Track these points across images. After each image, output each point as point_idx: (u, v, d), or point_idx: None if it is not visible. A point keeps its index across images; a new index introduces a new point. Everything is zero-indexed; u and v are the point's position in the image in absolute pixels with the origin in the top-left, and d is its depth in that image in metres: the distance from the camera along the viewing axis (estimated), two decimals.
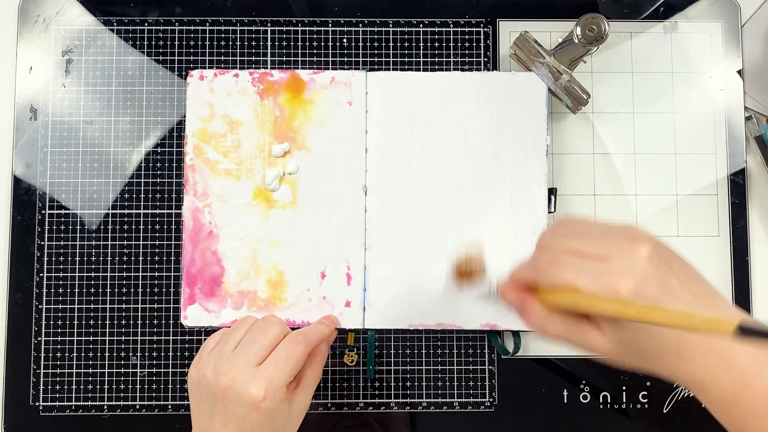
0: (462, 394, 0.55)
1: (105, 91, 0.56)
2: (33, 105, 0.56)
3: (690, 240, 0.56)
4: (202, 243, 0.53)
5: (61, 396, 0.54)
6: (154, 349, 0.55)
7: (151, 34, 0.57)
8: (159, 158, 0.56)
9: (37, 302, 0.55)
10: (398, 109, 0.54)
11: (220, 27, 0.57)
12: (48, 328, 0.54)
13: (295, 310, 0.53)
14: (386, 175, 0.54)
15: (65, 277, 0.55)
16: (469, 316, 0.53)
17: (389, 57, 0.57)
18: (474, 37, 0.57)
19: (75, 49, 0.57)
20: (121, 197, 0.56)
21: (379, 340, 0.55)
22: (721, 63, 0.57)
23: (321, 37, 0.57)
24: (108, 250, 0.55)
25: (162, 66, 0.57)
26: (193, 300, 0.53)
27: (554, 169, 0.56)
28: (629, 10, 0.58)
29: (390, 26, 0.57)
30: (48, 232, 0.55)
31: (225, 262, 0.53)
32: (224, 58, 0.57)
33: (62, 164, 0.56)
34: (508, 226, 0.53)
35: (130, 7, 0.57)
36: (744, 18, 0.58)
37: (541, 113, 0.54)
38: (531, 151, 0.54)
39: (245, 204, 0.53)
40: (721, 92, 0.57)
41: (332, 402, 0.54)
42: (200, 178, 0.54)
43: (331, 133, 0.54)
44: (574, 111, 0.55)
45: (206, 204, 0.53)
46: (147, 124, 0.56)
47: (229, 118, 0.54)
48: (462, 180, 0.54)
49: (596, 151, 0.57)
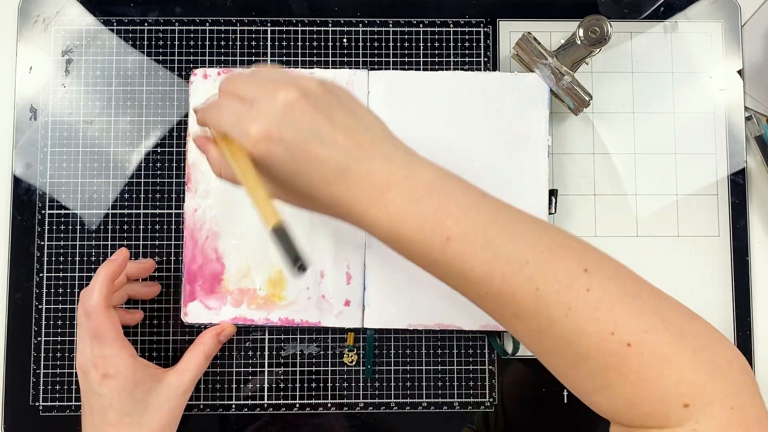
0: (462, 394, 0.55)
1: (105, 91, 0.56)
2: (33, 105, 0.56)
3: (690, 240, 0.56)
4: (202, 241, 0.53)
5: (61, 396, 0.54)
6: (154, 349, 0.55)
7: (151, 34, 0.57)
8: (159, 158, 0.56)
9: (37, 302, 0.55)
10: (400, 108, 0.54)
11: (220, 27, 0.57)
12: (48, 328, 0.54)
13: (295, 308, 0.53)
14: None
15: (65, 277, 0.55)
16: (468, 316, 0.53)
17: (389, 57, 0.57)
18: (474, 37, 0.57)
19: (75, 49, 0.57)
20: (121, 197, 0.56)
21: (379, 340, 0.55)
22: (721, 63, 0.57)
23: (321, 37, 0.57)
24: (108, 250, 0.55)
25: (162, 66, 0.57)
26: (193, 297, 0.53)
27: (554, 169, 0.56)
28: (629, 10, 0.58)
29: (390, 26, 0.57)
30: (48, 232, 0.55)
31: (225, 259, 0.53)
32: (224, 58, 0.57)
33: (62, 164, 0.56)
34: None
35: (130, 7, 0.57)
36: (744, 18, 0.58)
37: (543, 114, 0.54)
38: (532, 152, 0.54)
39: (246, 203, 0.53)
40: (721, 92, 0.57)
41: (332, 402, 0.55)
42: (201, 177, 0.54)
43: None
44: (576, 112, 0.55)
45: (207, 202, 0.53)
46: (147, 124, 0.56)
47: None
48: None
49: (596, 151, 0.57)
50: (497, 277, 0.35)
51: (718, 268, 0.56)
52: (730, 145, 0.57)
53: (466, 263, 0.36)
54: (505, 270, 0.35)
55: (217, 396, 0.54)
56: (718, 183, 0.56)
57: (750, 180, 0.57)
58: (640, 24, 0.58)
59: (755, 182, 0.57)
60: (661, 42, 0.57)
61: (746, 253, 0.56)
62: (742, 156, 0.57)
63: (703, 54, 0.57)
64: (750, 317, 0.55)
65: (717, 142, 0.57)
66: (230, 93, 0.38)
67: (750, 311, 0.55)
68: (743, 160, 0.57)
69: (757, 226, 0.56)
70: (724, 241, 0.56)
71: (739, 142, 0.57)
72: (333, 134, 0.36)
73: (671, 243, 0.56)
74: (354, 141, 0.36)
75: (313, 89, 0.37)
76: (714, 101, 0.57)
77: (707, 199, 0.56)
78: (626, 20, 0.57)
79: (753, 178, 0.57)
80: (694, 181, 0.56)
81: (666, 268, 0.56)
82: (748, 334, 0.55)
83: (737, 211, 0.56)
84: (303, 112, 0.36)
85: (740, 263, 0.56)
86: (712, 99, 0.57)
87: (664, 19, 0.58)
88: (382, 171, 0.36)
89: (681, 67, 0.57)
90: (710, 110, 0.57)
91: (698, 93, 0.57)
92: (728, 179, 0.56)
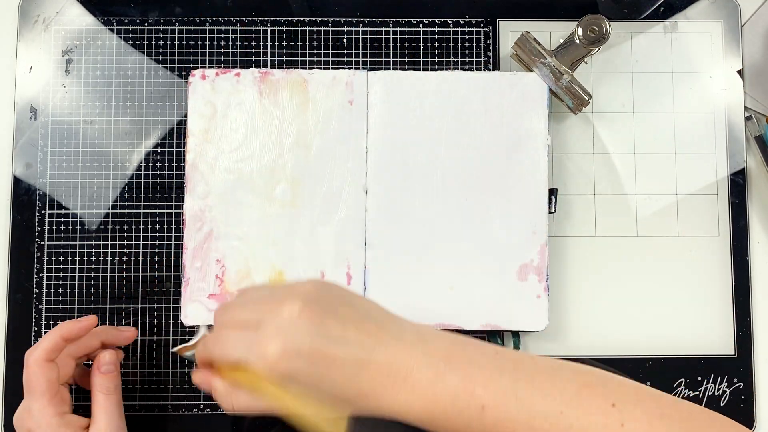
0: None
1: (105, 91, 0.56)
2: (33, 105, 0.56)
3: (690, 240, 0.56)
4: (202, 242, 0.53)
5: None
6: (154, 349, 0.54)
7: (151, 34, 0.57)
8: (159, 158, 0.56)
9: (37, 302, 0.55)
10: (399, 108, 0.54)
11: (220, 27, 0.57)
12: (48, 328, 0.54)
13: None
14: (387, 175, 0.54)
15: (65, 277, 0.55)
16: (469, 316, 0.53)
17: (389, 57, 0.57)
18: (474, 37, 0.57)
19: (75, 49, 0.57)
20: (121, 197, 0.56)
21: None
22: (721, 63, 0.57)
23: (321, 37, 0.57)
24: (108, 250, 0.55)
25: (162, 66, 0.57)
26: (193, 298, 0.53)
27: (554, 169, 0.56)
28: (629, 10, 0.58)
29: (390, 26, 0.57)
30: (48, 232, 0.55)
31: (225, 261, 0.53)
32: (224, 58, 0.57)
33: (62, 164, 0.56)
34: (508, 226, 0.53)
35: (130, 7, 0.57)
36: (744, 18, 0.58)
37: (542, 113, 0.54)
38: (532, 152, 0.54)
39: (246, 203, 0.53)
40: (721, 92, 0.57)
41: None
42: (201, 178, 0.54)
43: (331, 133, 0.54)
44: (575, 111, 0.55)
45: (207, 203, 0.53)
46: (147, 124, 0.56)
47: (231, 117, 0.54)
48: (462, 180, 0.54)
49: (596, 151, 0.57)
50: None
51: (718, 268, 0.56)
52: (730, 145, 0.57)
53: (507, 428, 0.36)
54: (544, 425, 0.35)
55: None
56: (718, 183, 0.56)
57: (750, 180, 0.57)
58: (640, 24, 0.58)
59: (755, 182, 0.57)
60: (660, 42, 0.57)
61: (746, 253, 0.56)
62: (742, 156, 0.57)
63: (702, 54, 0.57)
64: (750, 317, 0.55)
65: (717, 142, 0.57)
66: (229, 323, 0.38)
67: (750, 311, 0.55)
68: (743, 160, 0.57)
69: (756, 226, 0.56)
70: (724, 241, 0.56)
71: (739, 142, 0.57)
72: (343, 332, 0.36)
73: (671, 243, 0.56)
74: (363, 332, 0.37)
75: (312, 293, 0.37)
76: (714, 101, 0.57)
77: (707, 199, 0.56)
78: (626, 20, 0.58)
79: (753, 178, 0.57)
80: (694, 181, 0.56)
81: (666, 268, 0.56)
82: (748, 334, 0.55)
83: (737, 211, 0.56)
84: (310, 319, 0.36)
85: (740, 263, 0.56)
86: (712, 99, 0.57)
87: (664, 19, 0.58)
88: (398, 354, 0.36)
89: (681, 67, 0.57)
90: (710, 110, 0.57)
91: (698, 93, 0.57)
92: (728, 179, 0.56)
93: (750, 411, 0.55)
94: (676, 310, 0.55)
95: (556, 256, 0.55)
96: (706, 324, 0.55)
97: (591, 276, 0.56)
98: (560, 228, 0.56)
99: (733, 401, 0.55)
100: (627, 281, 0.56)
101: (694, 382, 0.55)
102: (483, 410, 0.35)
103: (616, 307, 0.55)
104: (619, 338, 0.55)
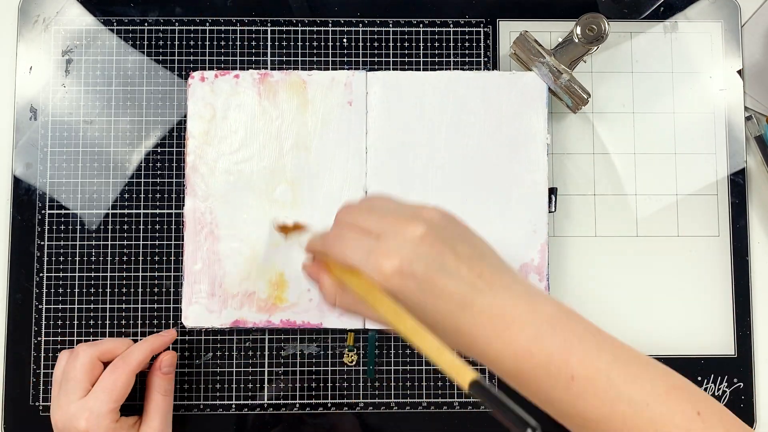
0: (462, 395, 0.55)
1: (105, 91, 0.56)
2: (33, 105, 0.56)
3: (690, 240, 0.56)
4: (203, 243, 0.53)
5: None
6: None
7: (151, 34, 0.57)
8: (159, 158, 0.56)
9: (37, 302, 0.55)
10: (399, 108, 0.54)
11: (220, 27, 0.57)
12: (48, 328, 0.54)
13: (296, 310, 0.53)
14: (386, 175, 0.54)
15: (65, 277, 0.55)
16: None
17: (389, 57, 0.57)
18: (474, 37, 0.57)
19: (75, 49, 0.57)
20: (121, 197, 0.56)
21: (380, 340, 0.55)
22: (721, 63, 0.57)
23: (321, 37, 0.57)
24: (108, 250, 0.55)
25: (162, 66, 0.57)
26: (194, 300, 0.53)
27: (554, 169, 0.56)
28: (629, 10, 0.58)
29: (390, 26, 0.57)
30: (48, 232, 0.55)
31: (225, 262, 0.53)
32: (224, 58, 0.57)
33: (62, 164, 0.56)
34: (508, 225, 0.53)
35: (130, 7, 0.57)
36: (744, 18, 0.58)
37: (541, 113, 0.54)
38: (531, 151, 0.54)
39: (246, 205, 0.53)
40: (721, 92, 0.57)
41: (332, 402, 0.55)
42: (201, 179, 0.54)
43: (331, 134, 0.54)
44: (574, 110, 0.55)
45: (207, 204, 0.53)
46: (147, 124, 0.56)
47: (230, 118, 0.54)
48: (462, 179, 0.54)
49: (596, 151, 0.57)
50: (618, 419, 0.35)
51: (718, 268, 0.56)
52: (730, 145, 0.57)
53: (588, 403, 0.35)
54: (627, 412, 0.35)
55: (217, 396, 0.54)
56: (717, 183, 0.56)
57: (750, 180, 0.57)
58: (640, 24, 0.58)
59: (755, 182, 0.57)
60: (660, 42, 0.57)
61: (746, 253, 0.56)
62: (742, 156, 0.57)
63: (703, 54, 0.57)
64: (750, 317, 0.55)
65: (717, 142, 0.57)
66: (352, 225, 0.38)
67: (750, 311, 0.55)
68: (743, 160, 0.57)
69: (756, 226, 0.56)
70: (724, 241, 0.56)
71: (739, 142, 0.57)
72: (458, 266, 0.36)
73: (671, 243, 0.56)
74: (476, 272, 0.36)
75: (438, 221, 0.37)
76: (714, 101, 0.57)
77: (707, 199, 0.56)
78: (626, 20, 0.58)
79: (753, 178, 0.57)
80: (694, 181, 0.56)
81: (666, 268, 0.56)
82: (748, 334, 0.55)
83: (737, 211, 0.56)
84: (431, 245, 0.36)
85: (740, 263, 0.56)
86: (712, 99, 0.57)
87: (664, 19, 0.58)
88: (505, 304, 0.36)
89: (681, 67, 0.57)
90: (710, 110, 0.57)
91: (698, 93, 0.57)
92: (728, 179, 0.56)
93: (750, 411, 0.55)
94: (676, 310, 0.55)
95: (556, 255, 0.56)
96: (706, 324, 0.55)
97: (591, 275, 0.56)
98: (560, 228, 0.56)
99: (733, 401, 0.55)
100: (627, 281, 0.56)
101: (694, 382, 0.54)
102: (572, 380, 0.35)
103: (615, 307, 0.55)
104: (619, 337, 0.55)
